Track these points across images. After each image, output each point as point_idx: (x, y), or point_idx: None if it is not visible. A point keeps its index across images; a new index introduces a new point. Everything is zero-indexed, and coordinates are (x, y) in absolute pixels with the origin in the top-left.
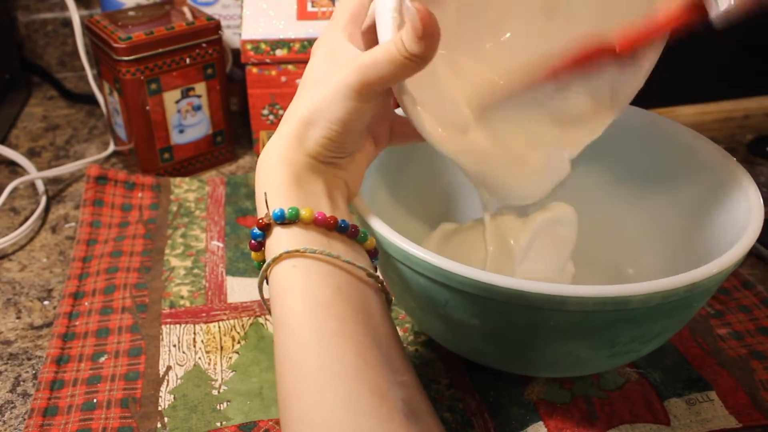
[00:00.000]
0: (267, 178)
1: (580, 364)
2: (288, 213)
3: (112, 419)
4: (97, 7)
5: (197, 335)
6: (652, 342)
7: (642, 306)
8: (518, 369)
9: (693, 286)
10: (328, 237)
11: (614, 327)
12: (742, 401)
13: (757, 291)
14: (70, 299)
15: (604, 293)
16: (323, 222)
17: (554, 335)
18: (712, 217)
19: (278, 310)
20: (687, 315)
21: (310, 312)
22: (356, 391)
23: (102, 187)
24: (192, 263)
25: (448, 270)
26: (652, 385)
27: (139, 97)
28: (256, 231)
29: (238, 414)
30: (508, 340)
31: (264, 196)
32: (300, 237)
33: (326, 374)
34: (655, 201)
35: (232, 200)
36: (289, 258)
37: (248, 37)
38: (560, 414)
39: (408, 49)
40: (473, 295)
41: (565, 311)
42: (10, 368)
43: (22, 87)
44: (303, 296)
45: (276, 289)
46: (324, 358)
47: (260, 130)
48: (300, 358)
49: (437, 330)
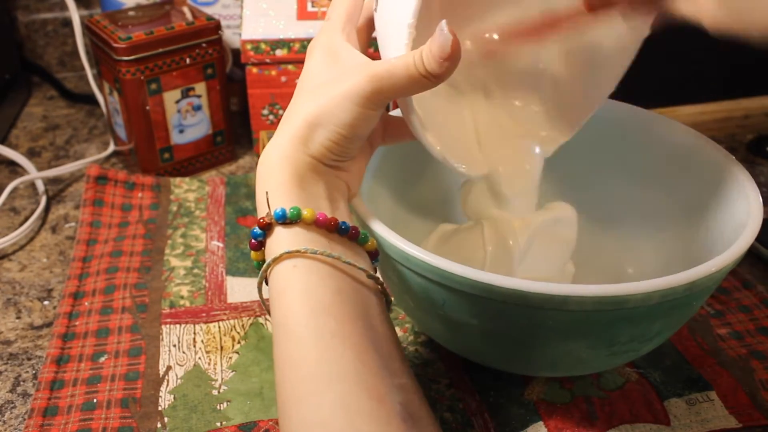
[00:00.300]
0: (268, 178)
1: (579, 363)
2: (290, 213)
3: (112, 419)
4: (97, 7)
5: (197, 335)
6: (652, 341)
7: (641, 305)
8: (517, 369)
9: (692, 284)
10: (329, 238)
11: (614, 326)
12: (742, 401)
13: (757, 291)
14: (70, 299)
15: (604, 292)
16: (324, 223)
17: (553, 335)
18: (712, 217)
19: (278, 310)
20: (686, 314)
21: (310, 313)
22: (354, 394)
23: (102, 187)
24: (192, 263)
25: (445, 270)
26: (652, 385)
27: (139, 97)
28: (256, 230)
29: (238, 414)
30: (507, 340)
31: (265, 195)
32: (301, 237)
33: (324, 376)
34: (655, 200)
35: (232, 200)
36: (289, 258)
37: (248, 37)
38: (560, 414)
39: (427, 68)
40: (471, 295)
41: (565, 311)
42: (10, 368)
43: (22, 87)
44: (303, 297)
45: (276, 289)
46: (322, 359)
47: (260, 130)
48: (298, 359)
49: (436, 330)
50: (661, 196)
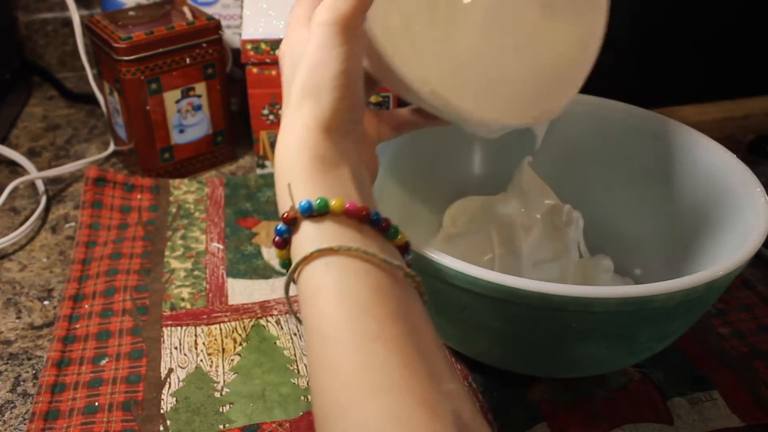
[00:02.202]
0: (287, 167)
1: (597, 364)
2: (316, 204)
3: (114, 422)
4: (97, 7)
5: (198, 337)
6: (668, 339)
7: (664, 305)
8: (535, 371)
9: (712, 283)
10: (360, 231)
11: (635, 326)
12: (745, 400)
13: (758, 290)
14: (69, 302)
15: (628, 294)
16: (355, 213)
17: (575, 336)
18: (717, 217)
19: (310, 312)
20: (700, 312)
21: (348, 315)
22: (404, 404)
23: (101, 188)
24: (192, 265)
25: (469, 274)
26: (655, 385)
27: (139, 97)
28: (281, 227)
29: (241, 416)
30: (528, 343)
31: (288, 188)
32: (330, 232)
33: (368, 385)
34: (658, 201)
35: (231, 201)
36: (320, 257)
37: (248, 36)
38: (564, 414)
39: None
40: (494, 299)
41: (589, 312)
42: (10, 368)
43: (23, 87)
44: (339, 297)
45: (307, 290)
46: (365, 366)
47: (260, 130)
48: (338, 367)
49: (451, 334)
50: (664, 196)
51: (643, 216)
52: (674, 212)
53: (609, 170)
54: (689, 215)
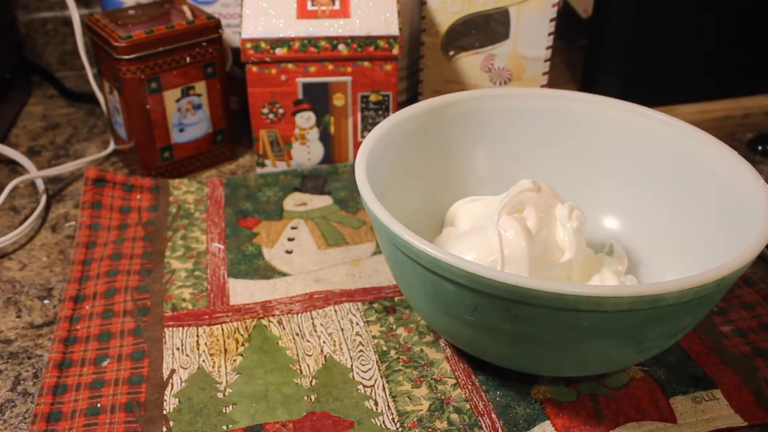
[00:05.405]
0: None
1: (606, 362)
2: None
3: (117, 424)
4: (97, 5)
5: (200, 338)
6: (676, 337)
7: (676, 302)
8: (544, 370)
9: (722, 280)
10: None
11: (646, 324)
12: (747, 399)
13: (759, 288)
14: (70, 303)
15: (640, 292)
16: None
17: (586, 335)
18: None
19: None
20: (708, 309)
21: None
22: None
23: (100, 189)
24: (193, 265)
25: (482, 275)
26: (658, 383)
27: (139, 95)
28: None
29: (244, 417)
30: (538, 343)
31: None
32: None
33: None
34: (663, 199)
35: (231, 201)
36: None
37: (248, 35)
38: (567, 413)
39: None
40: (506, 299)
41: (601, 311)
42: (10, 367)
43: (22, 86)
44: None
45: None
46: None
47: (260, 128)
48: None
49: (459, 335)
50: (666, 194)
51: (647, 214)
52: (678, 210)
53: (611, 169)
54: (693, 213)
